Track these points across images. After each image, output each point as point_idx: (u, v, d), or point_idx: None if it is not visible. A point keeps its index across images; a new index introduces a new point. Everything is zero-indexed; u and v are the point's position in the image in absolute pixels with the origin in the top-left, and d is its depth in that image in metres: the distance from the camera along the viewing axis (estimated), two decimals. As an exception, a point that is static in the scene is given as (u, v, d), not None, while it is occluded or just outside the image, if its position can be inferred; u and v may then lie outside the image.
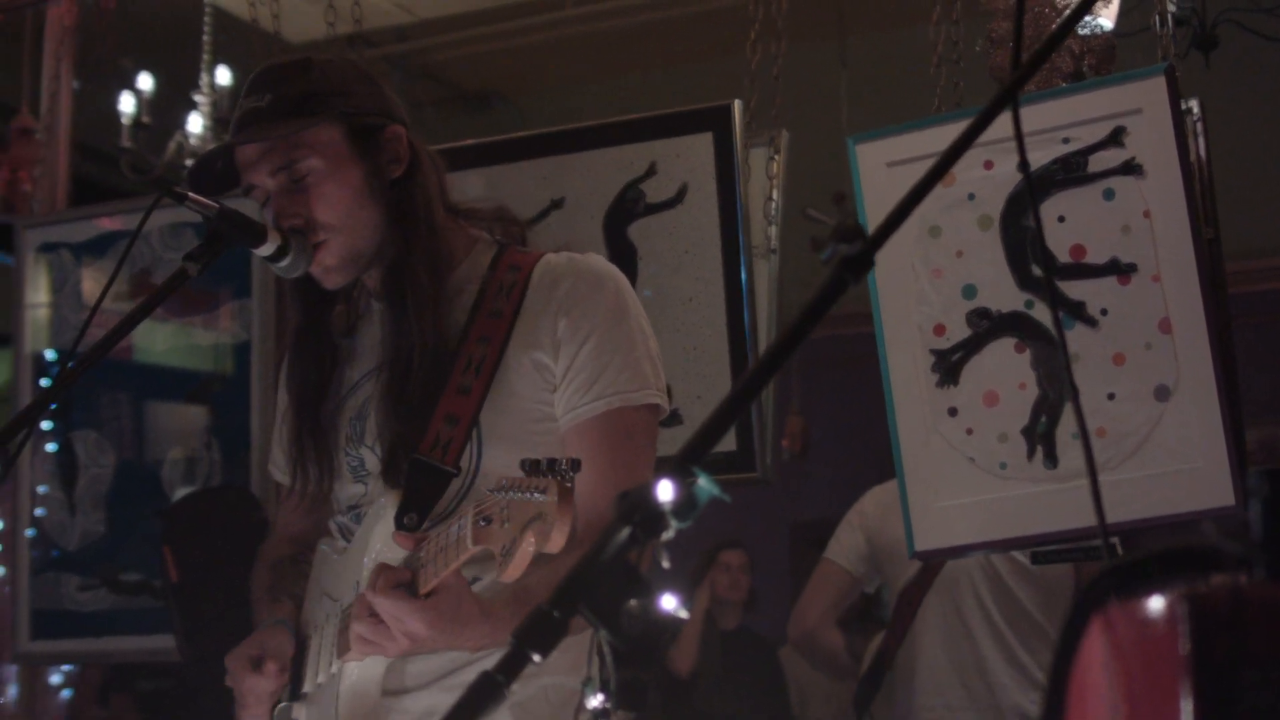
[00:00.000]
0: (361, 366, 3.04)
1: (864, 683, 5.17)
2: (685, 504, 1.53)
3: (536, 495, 2.25)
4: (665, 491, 1.53)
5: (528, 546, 2.27)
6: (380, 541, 2.82)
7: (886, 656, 5.08)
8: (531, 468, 2.26)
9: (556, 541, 2.23)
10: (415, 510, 2.81)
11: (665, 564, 1.92)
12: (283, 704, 2.97)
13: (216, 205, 2.76)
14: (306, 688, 2.93)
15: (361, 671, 2.81)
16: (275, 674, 2.92)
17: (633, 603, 1.57)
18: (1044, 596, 4.85)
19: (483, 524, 2.37)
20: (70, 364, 2.76)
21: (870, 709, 5.17)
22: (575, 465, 2.25)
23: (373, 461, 2.94)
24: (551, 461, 2.25)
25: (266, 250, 2.79)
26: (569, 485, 2.24)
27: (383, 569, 2.61)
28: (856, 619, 6.09)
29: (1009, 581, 4.85)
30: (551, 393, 2.87)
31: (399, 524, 2.80)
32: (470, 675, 2.79)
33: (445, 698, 2.83)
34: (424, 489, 2.82)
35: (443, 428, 2.83)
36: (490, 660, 2.79)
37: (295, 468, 3.04)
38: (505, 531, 2.31)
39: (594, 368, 2.85)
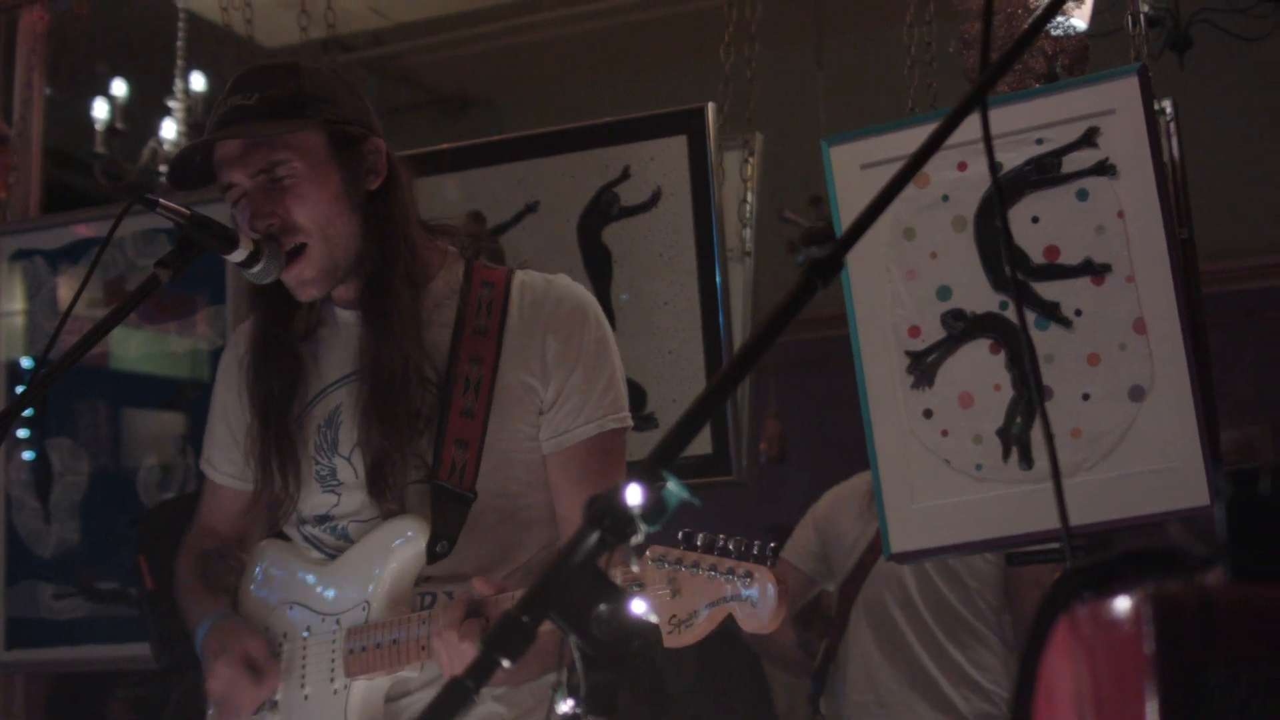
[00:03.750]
0: (328, 374, 3.04)
1: (815, 678, 5.29)
2: (654, 508, 1.52)
3: (736, 578, 2.34)
4: (634, 496, 1.52)
5: (715, 619, 2.37)
6: (398, 562, 2.86)
7: (830, 651, 5.18)
8: (723, 549, 2.36)
9: (772, 624, 2.33)
10: (446, 538, 2.87)
11: (635, 568, 1.92)
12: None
13: (188, 211, 2.75)
14: (278, 696, 2.93)
15: (369, 685, 2.84)
16: (270, 686, 2.94)
17: (602, 607, 1.57)
18: (970, 593, 4.94)
19: (635, 587, 2.41)
20: (42, 372, 2.74)
21: (820, 704, 5.26)
22: (776, 551, 2.34)
23: (347, 471, 2.95)
24: (750, 545, 2.36)
25: (238, 256, 2.78)
26: (781, 573, 2.35)
27: (464, 613, 2.66)
28: (814, 617, 6.14)
29: (935, 578, 4.95)
30: (537, 414, 2.94)
31: (431, 552, 2.87)
32: None
33: None
34: (449, 515, 2.88)
35: (456, 453, 2.88)
36: None
37: (263, 478, 3.03)
38: (675, 603, 2.37)
39: (583, 394, 2.95)
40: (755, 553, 2.34)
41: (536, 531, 2.99)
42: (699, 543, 2.36)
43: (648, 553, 2.43)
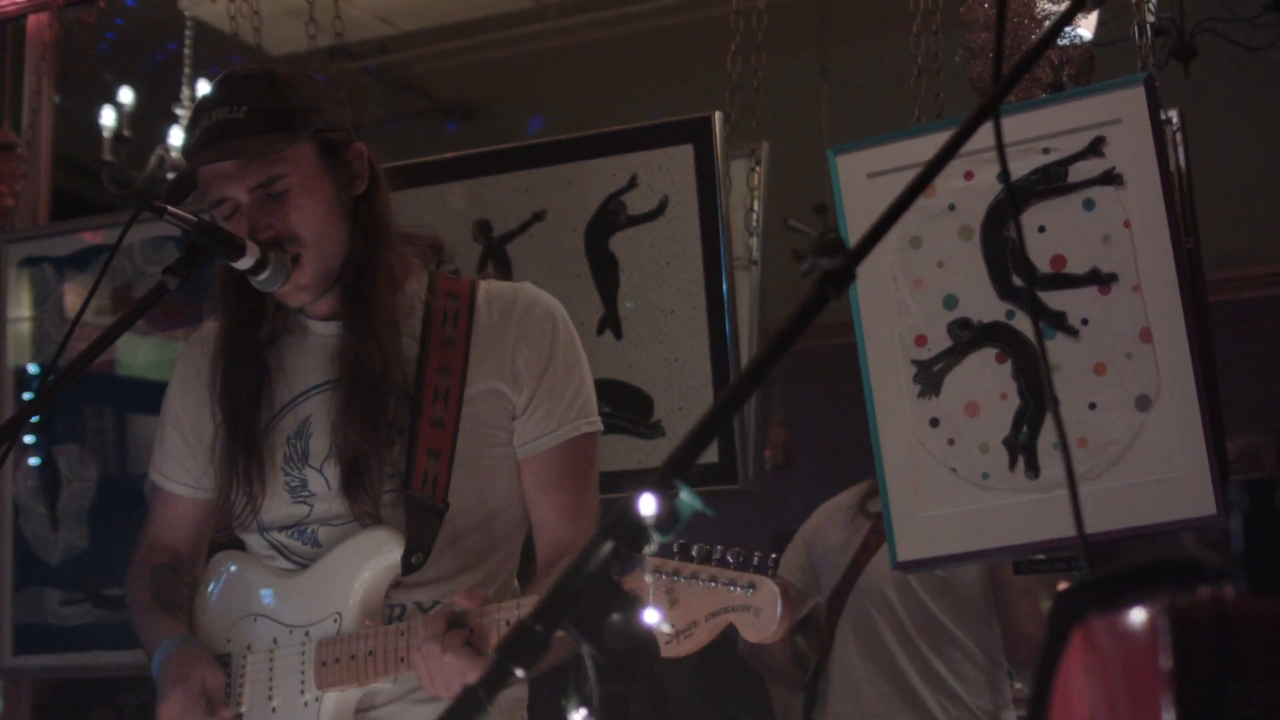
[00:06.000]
0: (296, 385, 3.03)
1: (808, 691, 5.30)
2: (667, 518, 1.53)
3: (738, 589, 2.37)
4: (648, 505, 1.52)
5: (714, 630, 2.40)
6: (371, 573, 2.86)
7: (820, 665, 5.19)
8: (721, 560, 2.39)
9: (776, 633, 2.36)
10: (420, 549, 2.88)
11: (649, 578, 1.92)
12: None
13: (195, 219, 2.76)
14: (244, 707, 2.92)
15: (340, 697, 2.83)
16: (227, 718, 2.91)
17: (615, 617, 1.57)
18: (953, 604, 4.95)
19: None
20: (50, 378, 2.75)
21: (813, 716, 5.27)
22: (776, 562, 2.39)
23: (318, 483, 2.94)
24: (749, 556, 2.39)
25: (245, 264, 2.79)
26: (785, 582, 2.39)
27: (445, 625, 2.66)
28: (809, 630, 6.14)
29: (919, 591, 4.95)
30: (510, 420, 2.96)
31: (406, 564, 2.87)
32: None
33: (410, 710, 2.91)
34: (423, 527, 2.88)
35: (429, 464, 2.88)
36: None
37: (228, 485, 3.02)
38: (673, 614, 2.40)
39: (555, 398, 2.96)
40: (755, 563, 2.37)
41: (503, 538, 3.00)
42: (694, 553, 2.38)
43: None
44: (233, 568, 3.06)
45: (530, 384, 2.94)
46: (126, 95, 7.13)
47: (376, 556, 2.86)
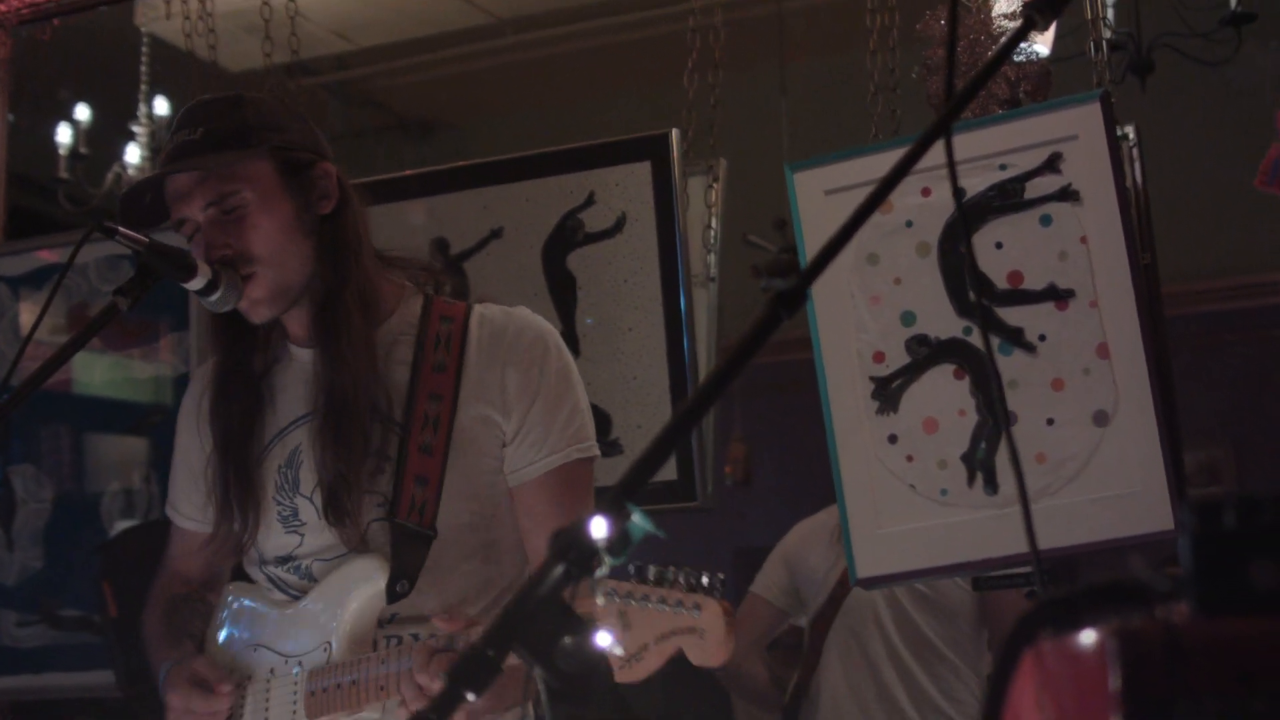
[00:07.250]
0: (285, 414, 3.02)
1: (786, 713, 5.26)
2: (619, 540, 1.52)
3: (684, 610, 2.30)
4: (599, 528, 1.52)
5: (664, 653, 2.31)
6: (359, 602, 2.85)
7: (802, 686, 5.17)
8: (672, 581, 2.32)
9: (719, 657, 2.28)
10: (406, 577, 2.85)
11: (601, 601, 1.91)
12: None
13: (146, 239, 2.75)
14: None
15: None
16: (228, 694, 2.91)
17: (567, 640, 1.56)
18: (944, 623, 4.94)
19: None
20: (3, 398, 2.73)
21: None
22: (724, 582, 2.33)
23: (309, 511, 2.93)
24: (699, 577, 2.32)
25: (196, 284, 2.78)
26: (729, 605, 2.31)
27: (433, 653, 2.63)
28: (784, 650, 6.12)
29: (909, 609, 4.94)
30: (501, 447, 2.92)
31: (391, 592, 2.85)
32: None
33: None
34: (409, 554, 2.86)
35: (416, 490, 2.86)
36: None
37: (222, 514, 3.01)
38: (625, 638, 2.33)
39: (545, 424, 2.92)
40: (704, 584, 2.31)
41: (504, 566, 2.97)
42: (650, 576, 2.33)
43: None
44: (238, 598, 3.07)
45: (519, 410, 2.91)
46: (83, 112, 7.10)
47: (363, 585, 2.85)
